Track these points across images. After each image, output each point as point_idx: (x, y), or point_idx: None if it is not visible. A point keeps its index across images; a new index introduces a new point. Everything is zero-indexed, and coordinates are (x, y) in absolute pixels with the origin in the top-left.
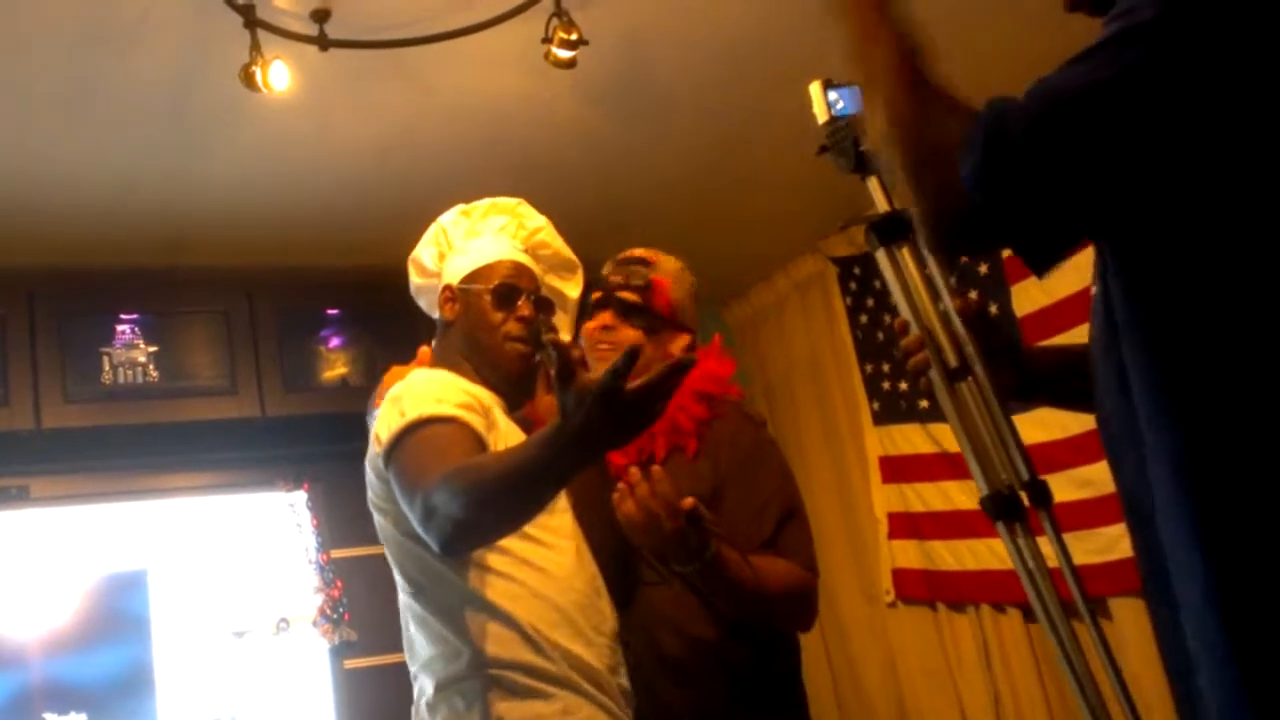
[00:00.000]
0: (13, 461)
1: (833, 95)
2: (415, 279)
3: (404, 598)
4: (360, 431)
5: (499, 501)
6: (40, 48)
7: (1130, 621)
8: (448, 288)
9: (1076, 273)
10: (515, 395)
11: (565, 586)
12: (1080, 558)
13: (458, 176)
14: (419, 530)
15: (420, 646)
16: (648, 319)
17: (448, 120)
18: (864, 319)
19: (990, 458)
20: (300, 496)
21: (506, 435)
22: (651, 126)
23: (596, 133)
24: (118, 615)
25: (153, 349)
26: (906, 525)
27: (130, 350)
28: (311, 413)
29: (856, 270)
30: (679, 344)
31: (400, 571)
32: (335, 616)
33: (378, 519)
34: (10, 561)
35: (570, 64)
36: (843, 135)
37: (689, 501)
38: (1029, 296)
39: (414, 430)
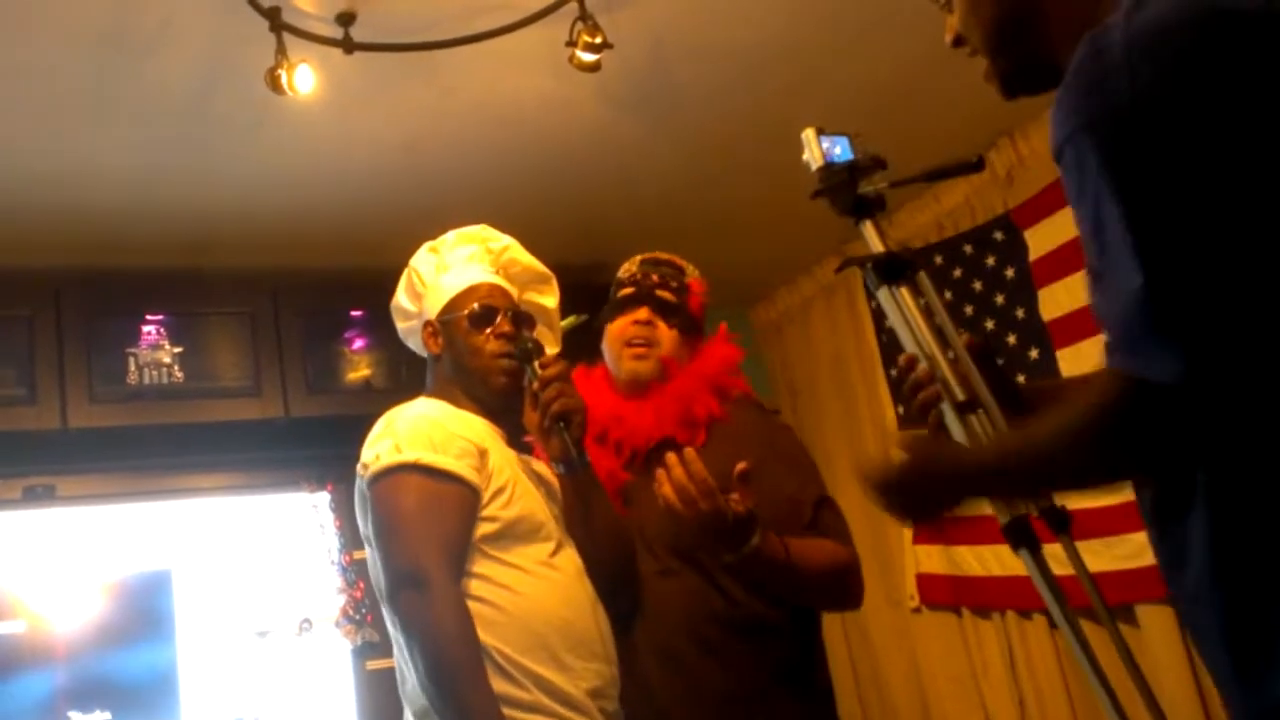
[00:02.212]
0: (39, 461)
1: (826, 143)
2: (400, 325)
3: (388, 624)
4: None
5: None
6: (66, 51)
7: (1156, 627)
8: (428, 323)
9: None
10: (510, 416)
11: (541, 611)
12: (1108, 564)
13: (482, 178)
14: (382, 585)
15: (400, 674)
16: (683, 319)
17: (472, 122)
18: (889, 323)
19: None
20: (323, 497)
21: (498, 469)
22: (674, 130)
23: (620, 136)
24: (142, 615)
25: (178, 350)
26: (931, 530)
27: (155, 351)
28: (335, 414)
29: None
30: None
31: (379, 594)
32: (358, 617)
33: (366, 544)
34: (37, 560)
35: (594, 67)
36: (838, 180)
37: (742, 466)
38: (1056, 301)
39: (407, 471)
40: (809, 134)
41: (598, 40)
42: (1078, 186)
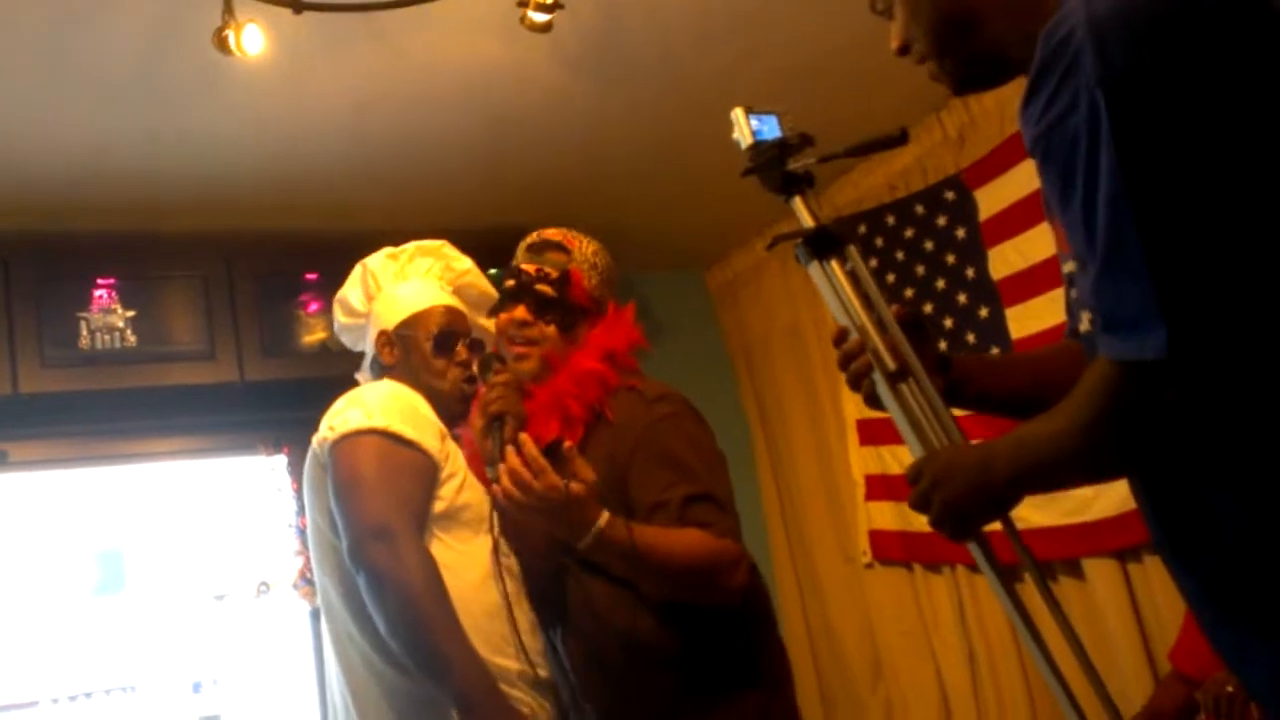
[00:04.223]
0: None
1: (755, 122)
2: (341, 319)
3: (326, 590)
4: (340, 395)
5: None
6: (12, 13)
7: (1102, 580)
8: (383, 333)
9: (1049, 238)
10: (450, 426)
11: (479, 598)
12: (1053, 519)
13: (434, 140)
14: (343, 542)
15: (360, 638)
16: (562, 313)
17: (424, 84)
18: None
19: None
20: (280, 460)
21: (454, 455)
22: (628, 91)
23: (573, 97)
24: (98, 579)
25: (130, 314)
26: (883, 487)
27: (108, 315)
28: (290, 377)
29: None
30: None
31: (317, 564)
32: (314, 580)
33: (312, 515)
34: None
35: (546, 28)
36: (767, 158)
37: (567, 444)
38: (1005, 260)
39: (372, 435)
40: (738, 113)
41: (548, 1)
42: (1064, 175)
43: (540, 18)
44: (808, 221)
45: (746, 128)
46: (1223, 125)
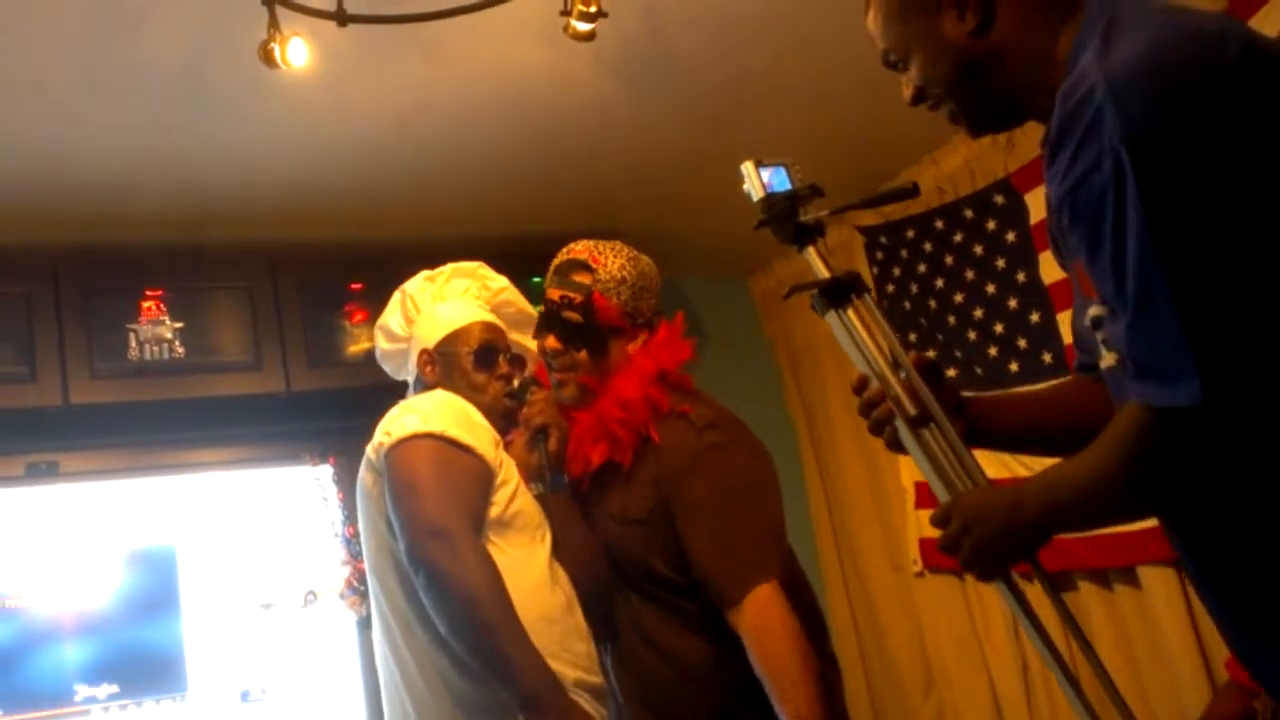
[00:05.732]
0: (42, 437)
1: (766, 174)
2: (383, 345)
3: (381, 593)
4: (385, 404)
5: (471, 624)
6: (60, 25)
7: (1158, 588)
8: (425, 351)
9: None
10: None
11: (534, 601)
12: (1110, 527)
13: (478, 149)
14: (400, 543)
15: (396, 647)
16: (590, 338)
17: (468, 94)
18: (890, 288)
19: None
20: (326, 470)
21: (508, 464)
22: (670, 98)
23: (616, 105)
24: (147, 589)
25: (179, 325)
26: (933, 495)
27: (156, 326)
28: (336, 387)
29: (883, 239)
30: (635, 347)
31: (370, 567)
32: (361, 589)
33: (369, 522)
34: (41, 536)
35: (589, 37)
36: (779, 210)
37: None
38: (1056, 264)
39: (428, 439)
40: (748, 166)
41: (592, 9)
42: (1092, 231)
43: (584, 26)
44: (822, 272)
45: (758, 181)
46: (1245, 176)
